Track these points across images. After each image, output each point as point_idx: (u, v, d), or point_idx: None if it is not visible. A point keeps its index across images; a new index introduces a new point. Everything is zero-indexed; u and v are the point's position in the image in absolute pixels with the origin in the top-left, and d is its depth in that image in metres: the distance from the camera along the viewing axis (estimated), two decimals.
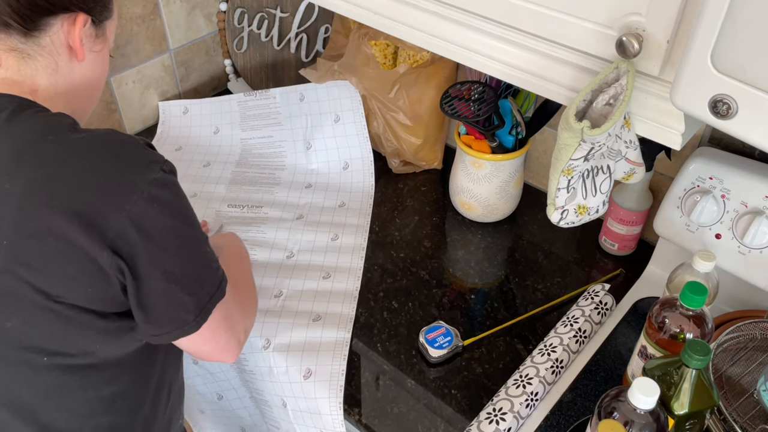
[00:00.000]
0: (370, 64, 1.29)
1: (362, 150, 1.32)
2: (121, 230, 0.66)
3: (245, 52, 1.55)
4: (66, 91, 0.77)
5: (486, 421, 0.88)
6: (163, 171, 0.70)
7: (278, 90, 1.36)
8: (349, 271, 1.14)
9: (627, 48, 0.68)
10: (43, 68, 0.74)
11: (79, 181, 0.66)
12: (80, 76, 0.78)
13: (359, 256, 1.17)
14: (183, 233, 0.72)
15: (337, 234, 1.20)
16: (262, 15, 1.48)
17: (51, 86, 0.75)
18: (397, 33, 0.92)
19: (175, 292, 0.71)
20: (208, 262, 0.76)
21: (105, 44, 0.80)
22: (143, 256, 0.68)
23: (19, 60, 0.72)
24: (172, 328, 0.74)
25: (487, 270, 1.17)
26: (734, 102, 0.59)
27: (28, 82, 0.73)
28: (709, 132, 1.03)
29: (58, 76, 0.75)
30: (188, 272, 0.72)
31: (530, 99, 1.20)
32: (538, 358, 0.96)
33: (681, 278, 0.93)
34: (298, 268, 1.14)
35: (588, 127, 0.72)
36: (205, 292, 0.74)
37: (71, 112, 0.76)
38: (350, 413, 0.95)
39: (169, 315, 0.73)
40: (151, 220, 0.68)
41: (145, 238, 0.67)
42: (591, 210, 0.85)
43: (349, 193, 1.29)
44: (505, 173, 1.18)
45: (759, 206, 0.92)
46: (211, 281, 0.76)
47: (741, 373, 0.89)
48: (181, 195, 0.72)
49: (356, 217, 1.24)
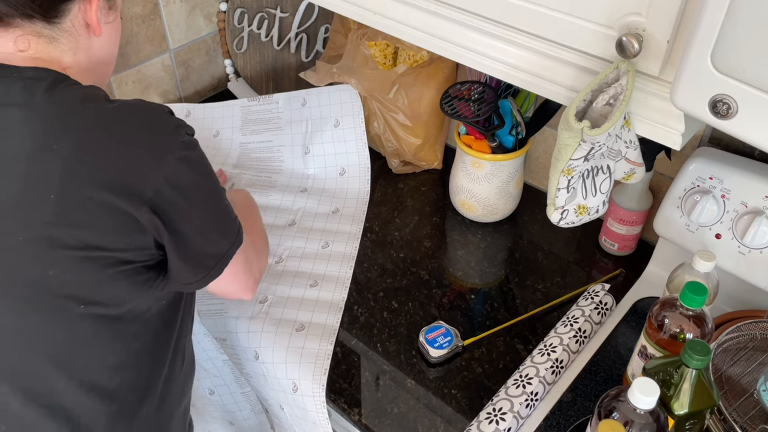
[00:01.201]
0: (368, 64, 1.29)
1: (360, 156, 1.32)
2: (159, 189, 0.72)
3: (245, 52, 1.55)
4: (88, 66, 0.82)
5: (486, 421, 0.88)
6: (188, 134, 0.77)
7: (282, 95, 1.36)
8: (337, 281, 1.13)
9: (627, 48, 0.68)
10: (68, 49, 0.78)
11: (118, 144, 0.72)
12: (98, 49, 0.82)
13: (348, 265, 1.16)
14: (208, 189, 0.79)
15: (327, 242, 1.20)
16: (262, 15, 1.48)
17: (76, 64, 0.80)
18: (397, 33, 0.92)
19: (203, 243, 0.80)
20: (228, 213, 0.84)
21: (116, 13, 0.84)
22: (178, 212, 0.75)
23: (47, 43, 0.77)
24: (202, 275, 0.82)
25: (487, 270, 1.17)
26: (734, 102, 0.59)
27: (56, 62, 0.78)
28: (709, 132, 1.03)
29: (81, 54, 0.80)
30: (213, 224, 0.81)
31: (530, 99, 1.20)
32: (538, 358, 0.96)
33: (681, 278, 0.93)
34: (286, 275, 1.14)
35: (588, 127, 0.72)
36: (227, 241, 0.83)
37: (94, 83, 0.81)
38: (350, 413, 0.95)
39: (197, 263, 0.80)
40: (184, 178, 0.75)
41: (179, 195, 0.74)
42: (591, 210, 0.85)
43: (343, 200, 1.29)
44: (505, 173, 1.18)
45: (759, 206, 0.92)
46: (231, 230, 0.83)
47: (741, 373, 0.89)
48: (203, 154, 0.79)
49: (349, 224, 1.24)
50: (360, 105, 1.30)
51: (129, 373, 0.83)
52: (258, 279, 0.95)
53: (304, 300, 1.09)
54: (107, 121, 0.73)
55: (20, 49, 0.75)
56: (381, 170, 1.39)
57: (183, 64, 1.51)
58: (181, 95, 1.54)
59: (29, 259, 0.73)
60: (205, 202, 0.79)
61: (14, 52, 0.75)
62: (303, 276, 1.13)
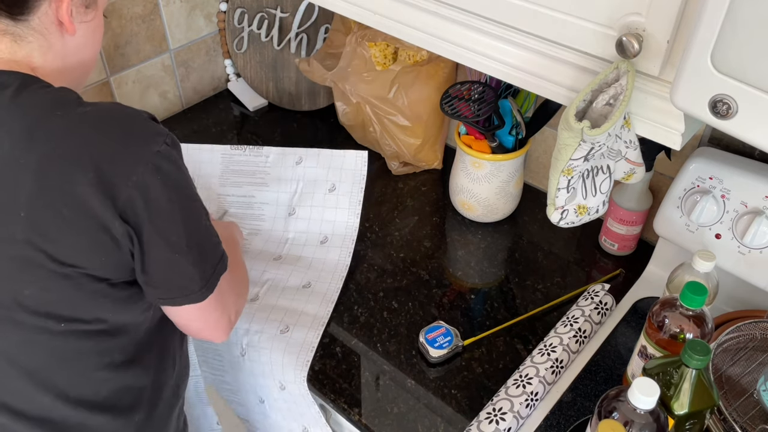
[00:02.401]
0: (366, 67, 1.29)
1: (347, 228, 1.19)
2: (129, 199, 0.69)
3: (245, 52, 1.55)
4: (62, 66, 0.77)
5: (486, 421, 0.88)
6: (166, 144, 0.72)
7: (275, 150, 1.26)
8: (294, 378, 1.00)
9: (627, 48, 0.67)
10: (37, 48, 0.74)
11: (89, 153, 0.68)
12: (74, 49, 0.78)
13: (305, 360, 1.00)
14: (186, 205, 0.75)
15: (288, 326, 1.04)
16: (262, 15, 1.48)
17: (47, 64, 0.75)
18: (397, 33, 0.92)
19: (180, 261, 0.75)
20: (210, 235, 0.79)
21: (96, 12, 0.80)
22: (149, 226, 0.71)
23: (13, 42, 0.73)
24: (178, 295, 0.77)
25: (487, 270, 1.17)
26: (734, 102, 0.59)
27: (25, 61, 0.74)
28: (709, 132, 1.03)
29: (52, 54, 0.75)
30: (192, 243, 0.75)
31: (530, 99, 1.20)
32: (538, 358, 0.96)
33: (681, 278, 0.93)
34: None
35: (588, 127, 0.72)
36: (209, 264, 0.78)
37: (69, 85, 0.77)
38: (350, 413, 0.96)
39: (175, 282, 0.76)
40: (156, 191, 0.70)
41: (150, 208, 0.70)
42: (591, 210, 0.85)
43: (319, 272, 1.13)
44: (505, 173, 1.18)
45: (759, 206, 0.92)
46: (213, 254, 0.79)
47: (741, 373, 0.89)
48: (183, 168, 0.74)
49: (317, 305, 1.08)
50: (364, 173, 1.20)
51: (116, 384, 0.80)
52: (233, 321, 0.87)
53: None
54: (76, 130, 0.69)
55: None
56: (381, 170, 1.39)
57: (183, 64, 1.51)
58: (181, 95, 1.54)
59: (4, 280, 0.71)
60: (183, 219, 0.74)
61: None
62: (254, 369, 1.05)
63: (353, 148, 1.42)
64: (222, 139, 1.47)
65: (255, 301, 1.09)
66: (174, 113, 1.54)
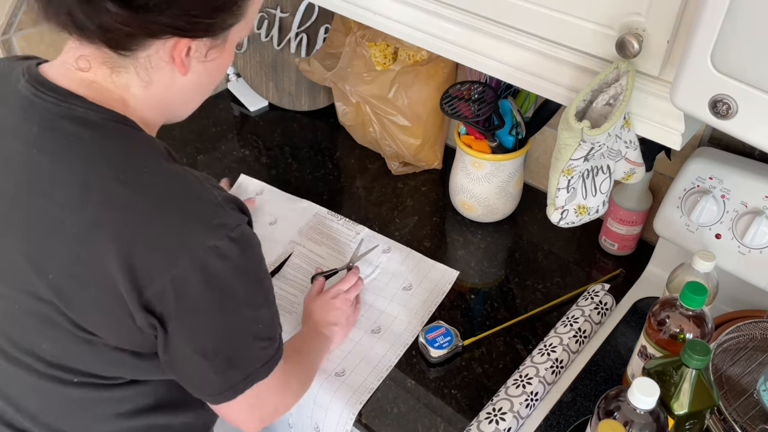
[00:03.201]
0: (366, 67, 1.29)
1: (407, 329, 1.06)
2: (161, 292, 0.63)
3: (245, 52, 1.55)
4: (161, 100, 0.71)
5: (486, 421, 0.88)
6: (229, 238, 0.64)
7: (366, 230, 1.21)
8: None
9: (627, 48, 0.68)
10: (137, 82, 0.68)
11: (135, 234, 0.63)
12: (181, 87, 0.71)
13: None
14: (227, 308, 0.67)
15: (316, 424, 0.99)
16: (262, 15, 1.48)
17: (146, 98, 0.69)
18: (397, 33, 0.92)
19: (203, 366, 0.69)
20: (253, 341, 0.71)
21: (222, 51, 0.71)
22: (176, 323, 0.65)
23: (111, 70, 0.67)
24: (193, 390, 0.73)
25: (487, 270, 1.17)
26: (734, 102, 0.59)
27: (119, 91, 0.68)
28: (709, 132, 1.03)
29: (154, 89, 0.69)
30: (222, 351, 0.69)
31: (530, 99, 1.20)
32: (537, 358, 0.96)
33: (681, 278, 0.93)
34: None
35: (588, 127, 0.72)
36: (239, 372, 0.71)
37: (167, 115, 0.73)
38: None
39: (193, 380, 0.72)
40: (194, 289, 0.64)
41: (181, 306, 0.64)
42: (591, 210, 0.85)
43: (358, 362, 1.02)
44: (505, 173, 1.18)
45: (759, 206, 0.92)
46: (250, 362, 0.71)
47: (741, 373, 0.89)
48: (242, 268, 0.66)
49: (344, 402, 0.96)
50: (446, 291, 1.11)
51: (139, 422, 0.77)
52: (268, 417, 0.79)
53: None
54: (133, 202, 0.63)
55: (81, 68, 0.66)
56: (381, 170, 1.39)
57: None
58: None
59: (23, 329, 0.69)
60: (218, 324, 0.67)
61: (73, 67, 0.66)
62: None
63: (353, 148, 1.44)
64: (222, 139, 1.47)
65: None
66: None
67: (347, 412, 0.94)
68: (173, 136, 1.47)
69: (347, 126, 1.44)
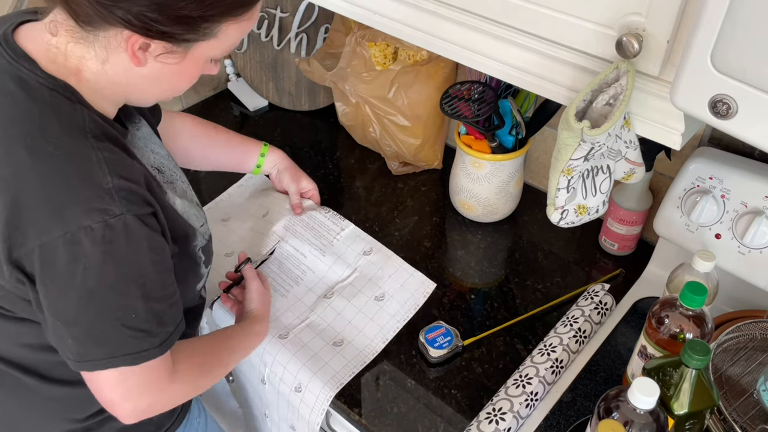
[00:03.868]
0: (366, 67, 1.29)
1: (368, 346, 1.03)
2: (29, 254, 0.68)
3: (245, 52, 1.55)
4: (118, 80, 0.73)
5: (486, 421, 0.88)
6: (105, 224, 0.67)
7: (352, 228, 1.19)
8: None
9: (627, 48, 0.68)
10: (94, 56, 0.71)
11: (21, 195, 0.68)
12: (138, 75, 0.73)
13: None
14: (89, 288, 0.69)
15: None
16: (262, 15, 1.48)
17: (100, 73, 0.72)
18: (397, 33, 0.92)
19: (63, 332, 0.72)
20: (120, 327, 0.72)
21: (183, 60, 0.72)
22: (41, 286, 0.70)
23: (72, 39, 0.70)
24: (58, 348, 0.75)
25: (487, 270, 1.17)
26: (734, 102, 0.59)
27: (75, 61, 0.71)
28: (709, 132, 1.03)
29: (108, 68, 0.71)
30: (81, 324, 0.71)
31: (530, 99, 1.20)
32: (537, 358, 0.96)
33: (681, 278, 0.93)
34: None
35: (588, 127, 0.72)
36: (100, 350, 0.72)
37: (125, 95, 0.76)
38: (350, 413, 0.95)
39: (56, 340, 0.74)
40: (60, 260, 0.67)
41: (46, 272, 0.69)
42: (591, 210, 0.85)
43: (312, 375, 0.99)
44: (505, 173, 1.18)
45: (759, 206, 0.92)
46: (114, 345, 0.72)
47: (741, 373, 0.89)
48: (111, 254, 0.68)
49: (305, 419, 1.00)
50: (420, 303, 1.09)
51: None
52: (145, 411, 0.78)
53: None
54: (29, 166, 0.68)
55: (50, 31, 0.71)
56: (381, 170, 1.39)
57: None
58: (181, 95, 1.54)
59: None
60: (80, 301, 0.69)
61: (45, 30, 0.71)
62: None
63: (353, 148, 1.44)
64: None
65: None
66: None
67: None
68: None
69: (347, 126, 1.44)
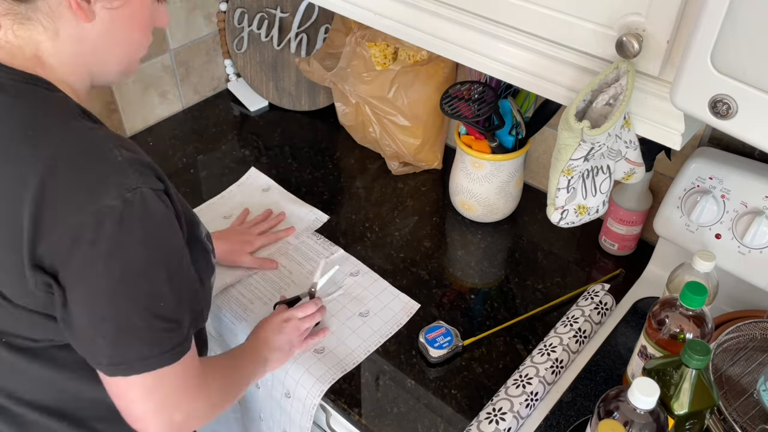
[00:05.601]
0: (366, 67, 1.29)
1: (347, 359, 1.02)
2: (52, 249, 0.63)
3: (245, 52, 1.55)
4: (76, 55, 0.70)
5: (486, 421, 0.88)
6: (123, 199, 0.63)
7: (341, 252, 1.18)
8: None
9: (627, 48, 0.68)
10: (43, 32, 0.67)
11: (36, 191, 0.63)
12: (95, 37, 0.69)
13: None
14: (115, 274, 0.64)
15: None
16: (262, 15, 1.48)
17: (57, 52, 0.69)
18: (397, 33, 0.92)
19: (94, 331, 0.67)
20: (152, 318, 0.67)
21: (129, 2, 0.70)
22: (68, 282, 0.65)
23: (16, 23, 0.66)
24: (88, 356, 0.69)
25: (487, 270, 1.17)
26: (734, 102, 0.59)
27: (30, 47, 0.68)
28: (709, 132, 1.03)
29: (63, 40, 0.68)
30: (113, 318, 0.66)
31: (530, 99, 1.20)
32: (537, 358, 0.96)
33: (681, 278, 0.93)
34: None
35: (588, 127, 0.72)
36: (135, 349, 0.67)
37: (90, 73, 0.73)
38: (350, 413, 0.95)
39: (87, 345, 0.69)
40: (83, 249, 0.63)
41: (73, 265, 0.64)
42: (591, 210, 0.85)
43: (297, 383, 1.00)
44: (505, 173, 1.18)
45: (759, 206, 0.92)
46: (149, 342, 0.67)
47: (741, 373, 0.89)
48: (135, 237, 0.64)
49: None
50: (402, 323, 1.07)
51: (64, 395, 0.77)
52: (178, 423, 0.73)
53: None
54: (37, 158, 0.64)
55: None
56: (380, 170, 1.39)
57: (183, 64, 1.51)
58: (181, 95, 1.54)
59: None
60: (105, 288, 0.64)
61: None
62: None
63: (353, 148, 1.44)
64: (222, 139, 1.47)
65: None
66: (174, 113, 1.54)
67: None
68: (174, 135, 1.47)
69: (347, 126, 1.44)
